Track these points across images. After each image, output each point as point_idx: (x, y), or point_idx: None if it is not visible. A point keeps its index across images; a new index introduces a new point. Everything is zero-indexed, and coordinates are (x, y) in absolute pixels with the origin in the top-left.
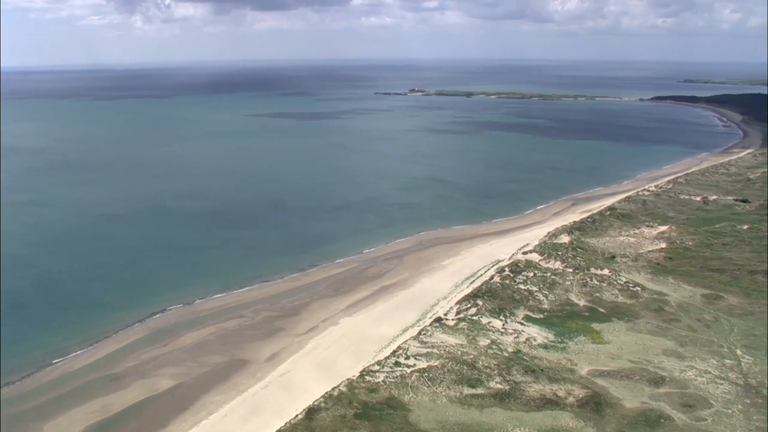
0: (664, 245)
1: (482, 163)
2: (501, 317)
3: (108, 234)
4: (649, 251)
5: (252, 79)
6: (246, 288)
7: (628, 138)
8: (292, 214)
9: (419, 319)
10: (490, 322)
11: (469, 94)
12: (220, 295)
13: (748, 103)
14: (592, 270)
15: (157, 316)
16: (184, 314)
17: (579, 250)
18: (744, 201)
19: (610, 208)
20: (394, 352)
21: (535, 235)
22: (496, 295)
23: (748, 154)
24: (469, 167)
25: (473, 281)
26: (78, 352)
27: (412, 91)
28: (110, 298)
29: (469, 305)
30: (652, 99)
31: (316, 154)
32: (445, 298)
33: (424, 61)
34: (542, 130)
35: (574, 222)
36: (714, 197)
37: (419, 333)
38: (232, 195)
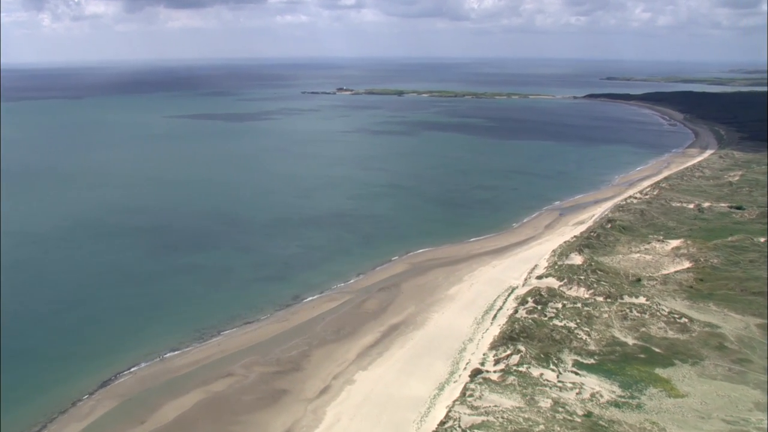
0: (688, 264)
1: (439, 167)
2: (551, 366)
3: (38, 261)
4: (676, 272)
5: (168, 78)
6: (225, 332)
7: (579, 138)
8: (254, 232)
9: (453, 372)
10: (542, 374)
11: (400, 93)
12: (196, 345)
13: (684, 101)
14: (627, 298)
15: (124, 378)
16: (158, 374)
17: (600, 272)
18: (739, 208)
19: (610, 220)
20: (442, 423)
21: (537, 253)
22: (532, 336)
23: (713, 155)
24: (427, 172)
25: (495, 316)
26: None
27: (340, 90)
28: (57, 352)
29: (508, 351)
30: (585, 97)
31: (259, 160)
32: (471, 340)
33: (342, 60)
34: (486, 130)
35: (576, 237)
36: (707, 204)
37: (464, 393)
38: (177, 209)
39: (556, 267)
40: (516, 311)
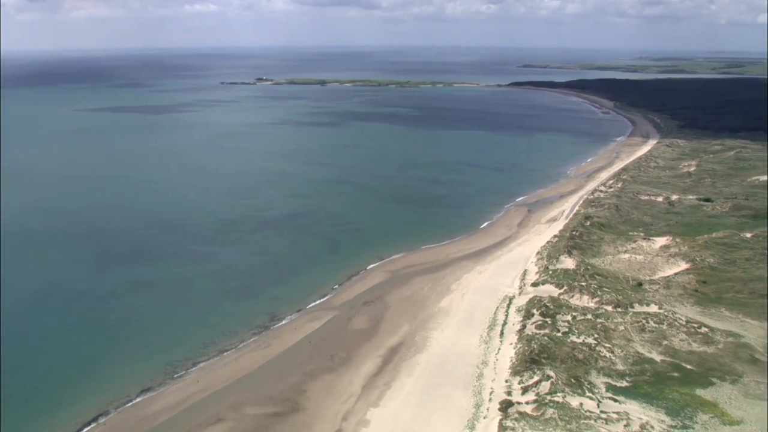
0: (685, 265)
1: (381, 160)
2: (588, 393)
3: None
4: (676, 274)
5: (75, 70)
6: (201, 365)
7: (517, 128)
8: (205, 239)
9: (478, 404)
10: (581, 404)
11: (322, 83)
12: (171, 383)
13: (609, 88)
14: (638, 307)
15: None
16: (133, 423)
17: (598, 278)
18: (707, 200)
19: (587, 217)
20: None
21: (521, 255)
22: (554, 357)
23: (658, 144)
24: (371, 166)
25: (501, 332)
26: None
27: (260, 80)
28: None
29: (535, 377)
30: (510, 85)
31: (189, 155)
32: (485, 363)
33: (254, 49)
34: (419, 120)
35: (557, 237)
36: (675, 197)
37: None
38: (112, 212)
39: (549, 272)
40: (524, 326)
